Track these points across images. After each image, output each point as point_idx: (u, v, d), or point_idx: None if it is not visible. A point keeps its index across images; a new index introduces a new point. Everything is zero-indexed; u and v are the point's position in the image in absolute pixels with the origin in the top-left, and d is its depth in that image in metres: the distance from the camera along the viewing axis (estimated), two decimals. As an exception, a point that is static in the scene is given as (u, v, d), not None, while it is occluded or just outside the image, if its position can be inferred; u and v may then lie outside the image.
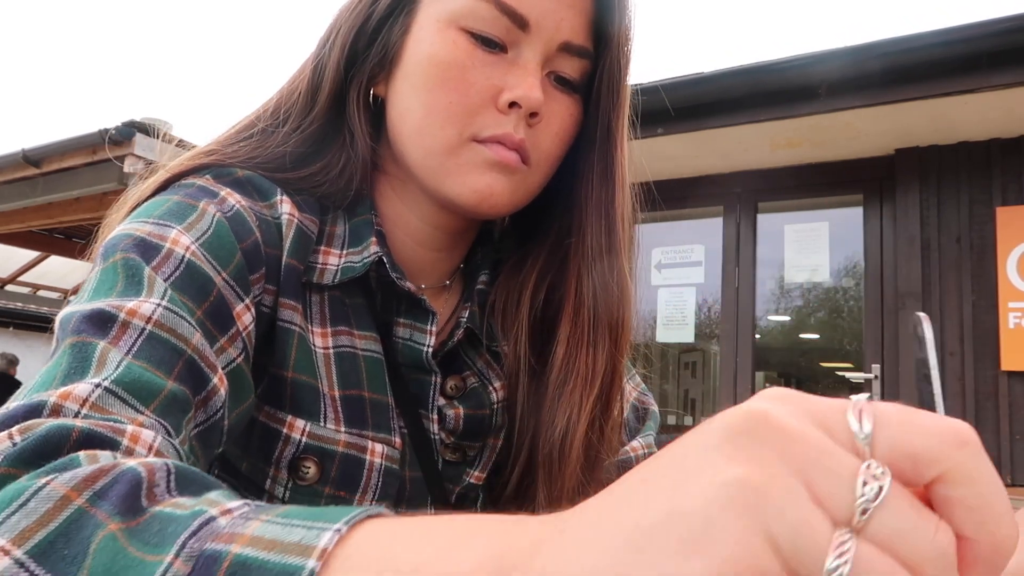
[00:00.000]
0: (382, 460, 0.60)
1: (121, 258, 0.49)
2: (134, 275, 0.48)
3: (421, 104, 0.62)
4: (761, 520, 0.21)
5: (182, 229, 0.52)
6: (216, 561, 0.30)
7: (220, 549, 0.30)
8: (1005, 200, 3.61)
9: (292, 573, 0.28)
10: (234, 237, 0.55)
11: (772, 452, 0.22)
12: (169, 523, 0.32)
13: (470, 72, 0.60)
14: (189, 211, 0.54)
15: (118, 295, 0.47)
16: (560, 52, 0.63)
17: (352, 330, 0.62)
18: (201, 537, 0.31)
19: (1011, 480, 3.39)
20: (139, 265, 0.49)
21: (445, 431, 0.66)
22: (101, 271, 0.49)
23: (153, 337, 0.45)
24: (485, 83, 0.61)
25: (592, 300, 0.65)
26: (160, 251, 0.50)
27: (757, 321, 4.46)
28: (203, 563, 0.30)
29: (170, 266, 0.50)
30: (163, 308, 0.47)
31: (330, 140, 0.65)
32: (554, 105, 0.64)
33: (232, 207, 0.57)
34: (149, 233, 0.51)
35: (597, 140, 0.67)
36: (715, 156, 4.21)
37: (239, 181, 0.60)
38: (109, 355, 0.43)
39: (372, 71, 0.66)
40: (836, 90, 3.46)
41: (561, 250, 0.68)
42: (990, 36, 3.15)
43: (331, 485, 0.57)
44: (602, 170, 0.67)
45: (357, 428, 0.59)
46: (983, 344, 3.55)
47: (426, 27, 0.63)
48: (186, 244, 0.52)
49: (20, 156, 5.30)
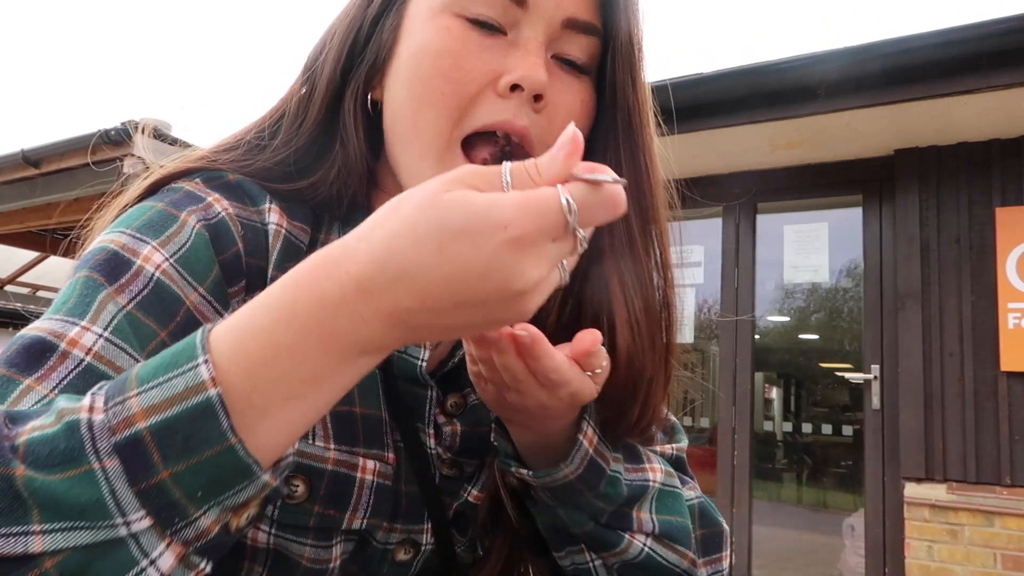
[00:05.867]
0: (374, 477, 0.59)
1: (85, 276, 0.49)
2: (88, 297, 0.48)
3: (413, 97, 0.58)
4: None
5: (157, 245, 0.52)
6: (138, 443, 0.35)
7: (130, 433, 0.35)
8: (1005, 201, 3.61)
9: (204, 410, 0.36)
10: (212, 249, 0.55)
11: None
12: (53, 442, 0.35)
13: (464, 58, 0.56)
14: (169, 222, 0.54)
15: (67, 313, 0.47)
16: (565, 30, 0.59)
17: None
18: (99, 437, 0.35)
19: (1011, 480, 3.39)
20: (98, 287, 0.49)
21: (442, 447, 0.64)
22: (69, 284, 0.50)
23: (90, 370, 0.45)
24: (482, 68, 0.57)
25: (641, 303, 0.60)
26: (130, 268, 0.50)
27: (757, 321, 4.46)
28: (127, 450, 0.35)
29: (138, 284, 0.50)
30: (104, 340, 0.46)
31: (325, 151, 0.63)
32: (561, 88, 0.59)
33: (217, 215, 0.56)
34: (123, 246, 0.51)
35: (619, 125, 0.61)
36: (715, 156, 4.20)
37: (229, 185, 0.59)
38: (28, 395, 0.43)
39: (368, 74, 0.63)
40: (836, 90, 3.46)
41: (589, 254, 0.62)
42: (990, 36, 3.15)
43: (320, 503, 0.56)
44: (629, 156, 0.61)
45: (347, 445, 0.58)
46: (983, 345, 3.55)
47: (417, 18, 0.60)
48: (157, 262, 0.51)
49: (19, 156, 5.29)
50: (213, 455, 0.36)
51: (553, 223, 0.38)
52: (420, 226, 0.37)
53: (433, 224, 0.37)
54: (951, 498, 3.49)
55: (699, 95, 3.74)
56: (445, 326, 0.39)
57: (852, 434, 4.39)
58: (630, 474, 0.62)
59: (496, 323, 0.41)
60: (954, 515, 3.47)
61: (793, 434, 5.11)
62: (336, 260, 0.38)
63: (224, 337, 0.38)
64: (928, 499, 3.53)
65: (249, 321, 0.38)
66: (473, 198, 0.37)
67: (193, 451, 0.36)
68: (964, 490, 3.48)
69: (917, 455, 3.60)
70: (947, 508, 3.49)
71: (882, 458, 3.83)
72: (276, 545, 0.55)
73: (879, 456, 3.84)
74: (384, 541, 0.61)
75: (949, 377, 3.59)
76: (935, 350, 3.64)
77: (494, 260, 0.37)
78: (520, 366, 0.51)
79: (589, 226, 0.40)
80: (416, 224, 0.37)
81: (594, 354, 0.54)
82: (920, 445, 3.59)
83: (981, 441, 3.48)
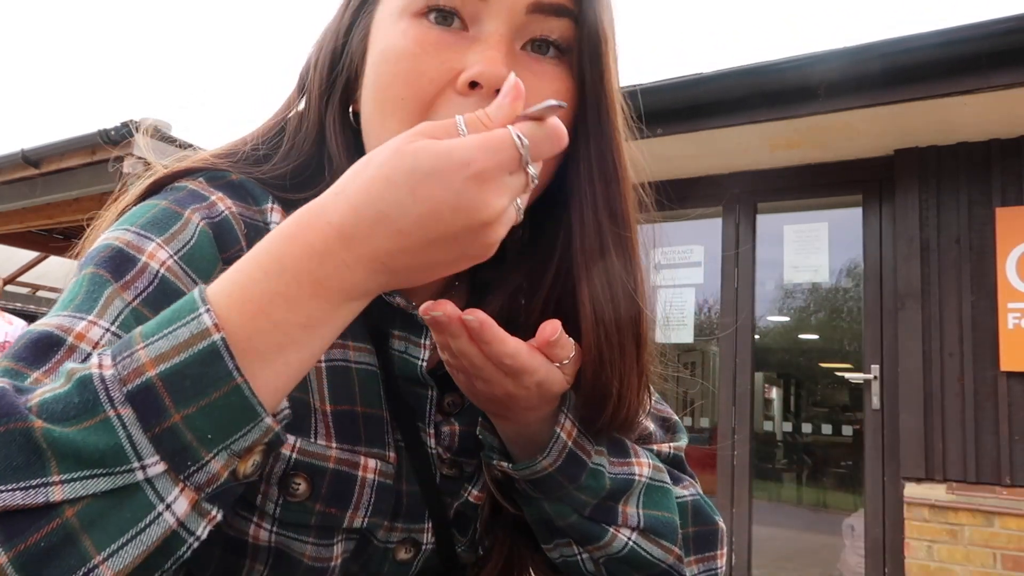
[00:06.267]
0: (375, 476, 0.59)
1: (91, 273, 0.50)
2: (95, 293, 0.48)
3: (377, 107, 0.57)
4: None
5: (161, 242, 0.52)
6: (149, 389, 0.37)
7: (141, 381, 0.37)
8: (1004, 201, 3.61)
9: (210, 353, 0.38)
10: (216, 248, 0.55)
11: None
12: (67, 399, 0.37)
13: (421, 60, 0.55)
14: (173, 220, 0.54)
15: (74, 309, 0.47)
16: (531, 15, 0.56)
17: (346, 342, 0.60)
18: (111, 388, 0.37)
19: (1011, 480, 3.39)
20: (104, 283, 0.49)
21: (441, 446, 0.64)
22: (74, 282, 0.50)
23: None
24: (440, 68, 0.55)
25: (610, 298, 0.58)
26: (135, 265, 0.50)
27: (756, 321, 4.47)
28: (139, 397, 0.37)
29: (143, 281, 0.50)
30: (111, 334, 0.47)
31: (321, 169, 0.62)
32: (530, 78, 0.54)
33: (220, 213, 0.56)
34: (128, 243, 0.51)
35: (588, 118, 0.59)
36: (714, 156, 4.21)
37: (232, 184, 0.60)
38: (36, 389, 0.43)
39: (345, 87, 0.63)
40: (835, 91, 3.46)
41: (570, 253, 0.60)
42: (990, 36, 3.15)
43: (322, 501, 0.56)
44: (598, 150, 0.59)
45: (349, 444, 0.58)
46: (982, 345, 3.55)
47: (381, 24, 0.59)
48: (162, 259, 0.51)
49: (20, 156, 5.30)
50: (221, 396, 0.38)
51: (509, 157, 0.43)
52: (393, 173, 0.41)
53: (405, 169, 0.41)
54: (951, 498, 3.49)
55: (699, 95, 3.74)
56: (422, 265, 0.43)
57: (852, 434, 4.40)
58: (614, 467, 0.62)
59: (466, 258, 0.45)
60: (954, 515, 3.47)
61: (793, 434, 5.11)
62: (318, 213, 0.42)
63: (220, 291, 0.41)
64: (928, 499, 3.53)
65: (242, 275, 0.41)
66: (437, 144, 0.42)
67: (202, 394, 0.38)
68: (964, 490, 3.48)
69: (917, 455, 3.60)
70: (947, 508, 3.49)
71: (882, 458, 3.83)
72: (277, 543, 0.56)
73: (879, 456, 3.85)
74: (385, 540, 0.61)
75: (949, 377, 3.60)
76: (935, 350, 3.65)
77: (463, 195, 0.41)
78: (475, 351, 0.53)
79: (539, 159, 0.45)
80: (389, 172, 0.41)
81: (558, 344, 0.55)
82: (920, 445, 3.60)
83: (981, 441, 3.48)
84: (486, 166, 0.42)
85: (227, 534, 0.55)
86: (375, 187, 0.41)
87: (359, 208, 0.41)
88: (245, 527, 0.55)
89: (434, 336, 0.55)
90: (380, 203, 0.41)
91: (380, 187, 0.41)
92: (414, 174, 0.41)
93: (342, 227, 0.41)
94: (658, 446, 0.71)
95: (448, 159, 0.41)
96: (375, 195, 0.41)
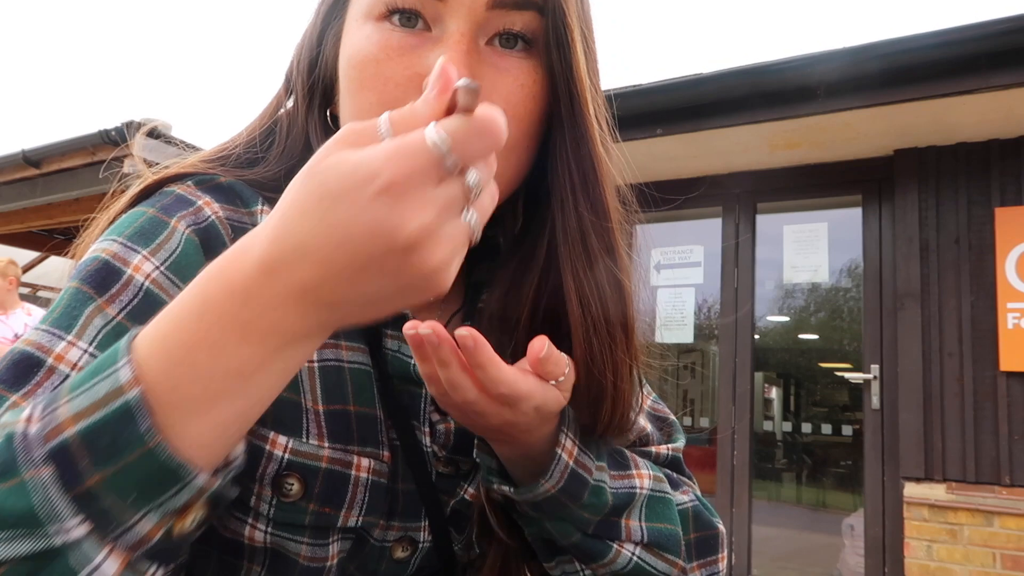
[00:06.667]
0: (368, 475, 0.58)
1: (74, 288, 0.50)
2: (76, 311, 0.49)
3: (351, 113, 0.57)
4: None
5: (147, 254, 0.52)
6: (67, 449, 0.36)
7: (60, 439, 0.36)
8: (1004, 201, 3.61)
9: (124, 413, 0.36)
10: (202, 254, 0.55)
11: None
12: None
13: (384, 65, 0.54)
14: (160, 229, 0.54)
15: (54, 325, 0.48)
16: (493, 11, 0.55)
17: (339, 342, 0.60)
18: (31, 447, 0.36)
19: (1010, 480, 3.39)
20: (86, 300, 0.49)
21: (437, 444, 0.64)
22: (61, 293, 0.50)
23: None
24: (403, 72, 0.54)
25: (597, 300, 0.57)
26: (120, 278, 0.51)
27: (756, 321, 4.47)
28: (59, 456, 0.36)
29: (128, 294, 0.50)
30: (88, 356, 0.47)
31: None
32: (494, 75, 0.54)
33: (207, 218, 0.56)
34: (115, 255, 0.51)
35: (562, 112, 0.57)
36: (714, 157, 4.21)
37: (221, 187, 0.59)
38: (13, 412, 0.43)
39: (323, 91, 0.63)
40: (835, 91, 3.46)
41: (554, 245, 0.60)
42: (989, 37, 3.15)
43: (315, 501, 0.56)
44: (575, 146, 0.57)
45: (342, 443, 0.58)
46: (982, 345, 3.55)
47: (348, 29, 0.58)
48: (147, 271, 0.52)
49: (20, 157, 5.30)
50: (137, 458, 0.36)
51: (424, 162, 0.36)
52: (304, 197, 0.37)
53: (314, 193, 0.36)
54: (950, 498, 3.49)
55: (699, 95, 3.75)
56: (360, 298, 0.38)
57: (852, 434, 4.40)
58: (615, 481, 0.61)
59: (408, 289, 0.38)
60: (953, 515, 3.48)
61: (793, 434, 5.11)
62: (243, 248, 0.38)
63: (147, 336, 0.38)
64: (927, 499, 3.53)
65: (170, 317, 0.38)
66: (346, 158, 0.36)
67: (119, 455, 0.36)
68: (963, 490, 3.48)
69: (916, 455, 3.60)
70: (946, 508, 3.49)
71: (881, 458, 3.84)
72: (273, 544, 0.56)
73: (878, 456, 3.85)
74: (381, 539, 0.61)
75: (948, 377, 3.60)
76: (934, 350, 3.65)
77: (372, 213, 0.35)
78: (467, 383, 0.50)
79: (474, 160, 0.38)
80: (300, 197, 0.37)
81: (550, 360, 0.53)
82: (919, 445, 3.60)
83: (980, 441, 3.48)
84: (394, 177, 0.35)
85: (223, 536, 0.55)
86: (291, 213, 0.37)
87: (277, 240, 0.37)
88: (240, 528, 0.55)
89: (420, 370, 0.52)
90: (298, 232, 0.36)
91: (295, 214, 0.37)
92: (323, 198, 0.36)
93: (263, 260, 0.37)
94: (656, 448, 0.70)
95: (353, 175, 0.36)
96: (290, 224, 0.37)
